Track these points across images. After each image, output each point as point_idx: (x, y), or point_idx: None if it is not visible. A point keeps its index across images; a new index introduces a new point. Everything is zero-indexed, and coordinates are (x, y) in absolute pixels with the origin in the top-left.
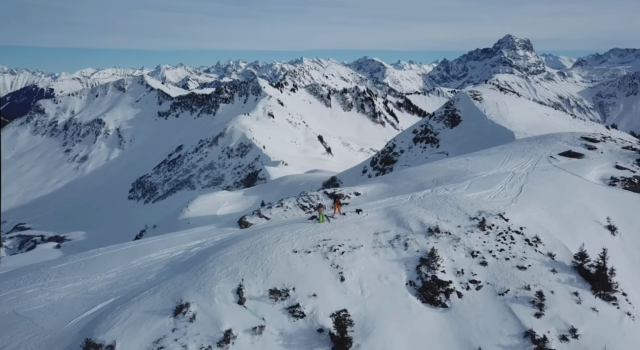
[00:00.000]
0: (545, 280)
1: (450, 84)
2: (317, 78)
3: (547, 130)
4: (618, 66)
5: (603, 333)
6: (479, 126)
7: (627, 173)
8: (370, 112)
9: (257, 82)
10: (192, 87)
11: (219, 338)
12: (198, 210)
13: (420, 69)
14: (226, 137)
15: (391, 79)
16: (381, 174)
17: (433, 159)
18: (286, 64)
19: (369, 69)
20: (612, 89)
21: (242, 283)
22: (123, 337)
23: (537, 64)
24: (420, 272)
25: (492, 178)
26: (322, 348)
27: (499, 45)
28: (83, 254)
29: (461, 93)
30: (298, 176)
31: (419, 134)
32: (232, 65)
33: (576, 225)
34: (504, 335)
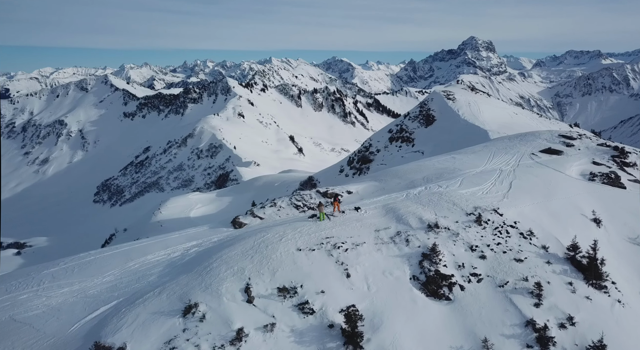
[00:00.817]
0: (541, 271)
1: (418, 84)
2: (287, 78)
3: (517, 128)
4: (574, 67)
5: (597, 320)
6: (453, 125)
7: (604, 169)
8: (340, 112)
9: (227, 82)
10: (158, 87)
11: (231, 337)
12: (170, 213)
13: (388, 69)
14: (195, 137)
15: (360, 79)
16: (358, 174)
17: (409, 158)
18: (255, 63)
19: (338, 69)
20: (569, 89)
21: (249, 282)
22: (133, 339)
23: (499, 65)
24: (423, 266)
25: (481, 175)
26: (333, 343)
27: (463, 46)
28: (74, 258)
29: (435, 93)
30: (272, 176)
31: (394, 133)
32: (200, 65)
33: (564, 218)
34: (506, 325)
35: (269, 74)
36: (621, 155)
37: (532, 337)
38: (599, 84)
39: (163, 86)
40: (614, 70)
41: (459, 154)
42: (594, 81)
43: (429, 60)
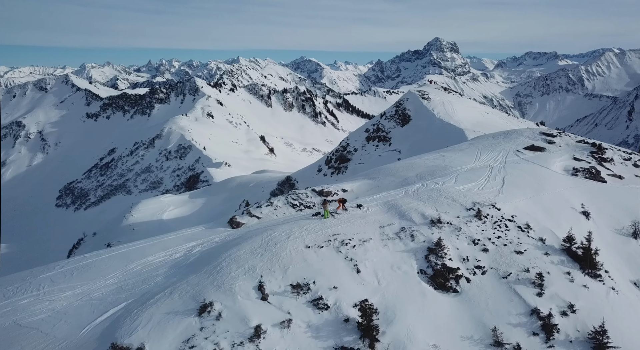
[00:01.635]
0: (541, 262)
1: (385, 84)
2: (256, 78)
3: (489, 127)
4: (533, 68)
5: (595, 307)
6: (428, 124)
7: (584, 164)
8: (311, 112)
9: (195, 81)
10: (122, 87)
11: (249, 334)
12: (142, 216)
13: (356, 69)
14: (163, 138)
15: (328, 79)
16: (337, 173)
17: (386, 157)
18: (222, 63)
19: (307, 69)
20: (529, 89)
21: (261, 280)
22: (150, 339)
23: (463, 65)
24: (430, 260)
25: (473, 172)
26: (350, 337)
27: (428, 47)
28: (70, 261)
29: (410, 93)
30: (247, 177)
31: (371, 133)
32: (165, 65)
33: (556, 212)
34: (512, 314)
35: (238, 74)
36: (599, 152)
37: (537, 325)
38: (556, 84)
39: (127, 86)
40: (569, 71)
41: (447, 152)
42: (552, 81)
43: (396, 61)
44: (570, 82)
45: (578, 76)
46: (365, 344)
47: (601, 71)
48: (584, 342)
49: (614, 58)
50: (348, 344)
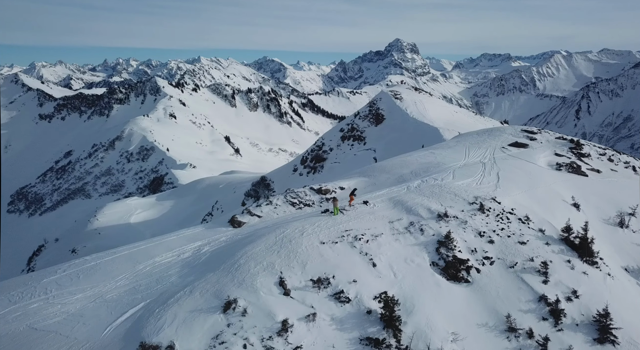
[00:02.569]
0: (543, 252)
1: (348, 84)
2: (219, 78)
3: (460, 126)
4: (488, 69)
5: (595, 292)
6: (402, 123)
7: (565, 159)
8: (276, 112)
9: (156, 81)
10: (76, 87)
11: (277, 328)
12: (108, 220)
13: (319, 69)
14: (124, 140)
15: (292, 79)
16: (313, 172)
17: (361, 156)
18: (183, 63)
19: (270, 69)
20: (485, 89)
21: (282, 275)
22: (179, 337)
23: (423, 66)
24: (441, 253)
25: (467, 168)
26: (374, 328)
27: (389, 48)
28: (71, 265)
29: (383, 93)
30: (216, 178)
31: (345, 132)
32: (122, 64)
33: (550, 204)
34: (522, 301)
35: (200, 74)
36: (577, 147)
37: (545, 310)
38: (511, 85)
39: (82, 86)
40: (522, 72)
41: (437, 150)
42: (506, 82)
43: (358, 61)
44: (523, 82)
45: (530, 77)
46: (389, 334)
47: (551, 72)
48: (589, 324)
49: (562, 60)
50: (373, 334)
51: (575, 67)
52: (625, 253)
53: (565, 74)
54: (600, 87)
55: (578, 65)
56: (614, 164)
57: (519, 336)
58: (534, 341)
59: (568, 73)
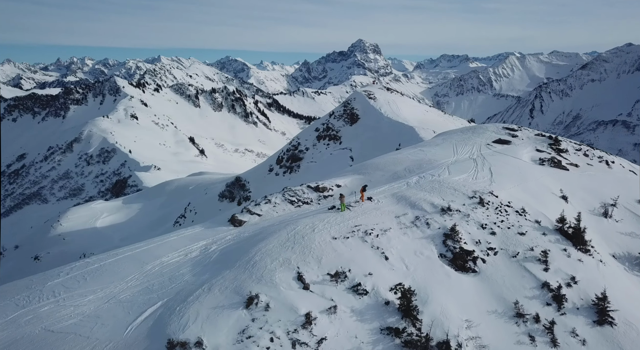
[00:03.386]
0: (541, 241)
1: (313, 84)
2: (181, 77)
3: (433, 124)
4: (448, 70)
5: (591, 277)
6: (377, 123)
7: (546, 155)
8: (241, 112)
9: (115, 81)
10: (27, 86)
11: (300, 321)
12: (73, 224)
13: (283, 70)
14: (83, 142)
15: (256, 79)
16: (289, 172)
17: (337, 155)
18: (142, 62)
19: (233, 69)
20: (445, 90)
21: (299, 270)
22: (205, 333)
23: (385, 66)
24: (448, 245)
25: (460, 164)
26: (393, 318)
27: (352, 48)
28: (74, 267)
29: (357, 93)
30: (185, 180)
31: (321, 132)
32: (77, 63)
33: (541, 197)
34: (526, 288)
35: (161, 73)
36: (556, 143)
37: (548, 296)
38: (469, 85)
39: (34, 86)
40: (480, 73)
41: (425, 147)
42: (465, 82)
43: (322, 61)
44: (481, 82)
45: (487, 77)
46: (408, 323)
47: (506, 73)
48: (588, 308)
49: (516, 61)
50: (392, 324)
51: (528, 68)
52: (611, 241)
53: (520, 74)
54: (552, 87)
55: (531, 66)
56: (589, 159)
57: (526, 321)
58: (540, 325)
59: (522, 74)
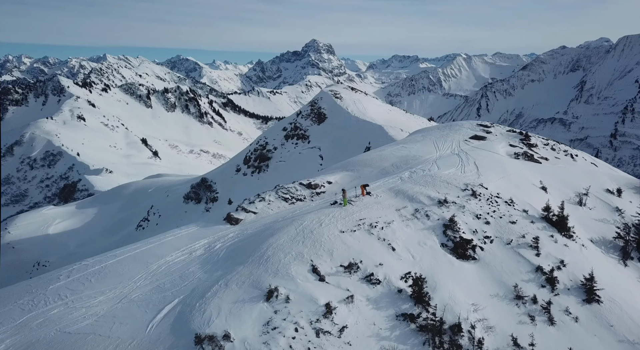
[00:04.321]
0: (530, 229)
1: (267, 84)
2: (130, 77)
3: (398, 123)
4: (399, 70)
5: (577, 260)
6: (345, 122)
7: (519, 149)
8: (196, 112)
9: (59, 80)
10: None
11: (321, 311)
12: (23, 232)
13: (236, 69)
14: (25, 145)
15: (209, 78)
16: (257, 172)
17: (307, 155)
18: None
19: (184, 68)
20: (398, 89)
21: (313, 263)
22: (231, 326)
23: (339, 66)
24: (448, 235)
25: (446, 159)
26: (406, 304)
27: (306, 48)
28: (72, 270)
29: (323, 92)
30: (143, 183)
31: (289, 131)
32: (13, 61)
33: (524, 188)
34: (522, 272)
35: (108, 73)
36: (526, 139)
37: (542, 279)
38: (420, 85)
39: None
40: (430, 73)
41: (407, 144)
42: (416, 82)
43: (276, 61)
44: (431, 82)
45: (437, 78)
46: (421, 309)
47: (454, 73)
48: (578, 288)
49: (463, 62)
50: (407, 310)
51: (474, 68)
52: (587, 227)
53: (467, 75)
54: (496, 87)
55: (477, 67)
56: (556, 153)
57: (525, 303)
58: (538, 306)
59: (469, 74)
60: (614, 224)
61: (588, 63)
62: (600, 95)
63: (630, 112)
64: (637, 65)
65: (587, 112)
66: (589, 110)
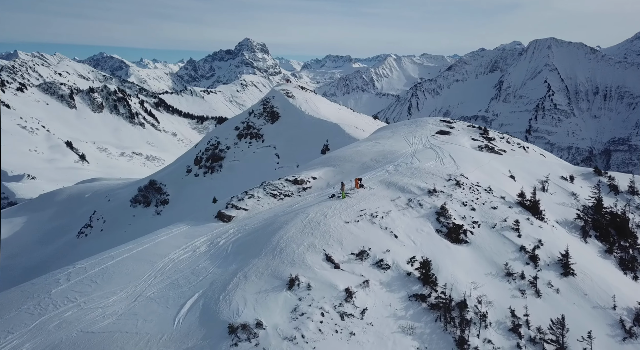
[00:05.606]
0: (510, 213)
1: (200, 83)
2: (48, 76)
3: (349, 121)
4: (333, 70)
5: (551, 239)
6: (299, 120)
7: (481, 143)
8: (126, 113)
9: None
10: None
11: (343, 296)
12: None
13: (166, 68)
14: None
15: (137, 77)
16: (210, 172)
17: (262, 154)
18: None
19: (109, 66)
20: (333, 89)
21: (326, 253)
22: (261, 315)
23: (274, 66)
24: (441, 221)
25: (423, 152)
26: (415, 286)
27: (240, 47)
28: (70, 273)
29: (275, 91)
30: (77, 188)
31: (241, 130)
32: None
33: (496, 177)
34: (509, 252)
35: (22, 71)
36: (485, 133)
37: (526, 257)
38: (354, 85)
39: None
40: (363, 73)
41: (379, 140)
42: (350, 82)
43: (209, 60)
44: (365, 82)
45: (370, 77)
46: (430, 289)
47: (386, 73)
48: (556, 264)
49: (393, 62)
50: (417, 291)
51: (404, 68)
52: (552, 210)
53: (397, 75)
54: (425, 86)
55: (406, 67)
56: (511, 145)
57: (515, 279)
58: (526, 281)
59: (399, 74)
60: (572, 207)
61: (504, 64)
62: (516, 94)
63: (542, 110)
64: (545, 66)
65: (506, 109)
66: (507, 108)
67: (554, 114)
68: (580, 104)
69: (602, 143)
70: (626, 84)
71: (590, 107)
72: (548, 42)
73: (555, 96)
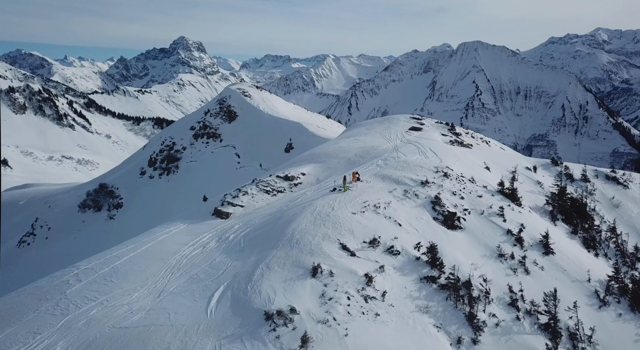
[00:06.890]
0: (493, 201)
1: (133, 82)
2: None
3: (306, 119)
4: (273, 69)
5: (530, 223)
6: (258, 120)
7: (450, 138)
8: (53, 114)
9: None
10: None
11: (364, 281)
12: None
13: (94, 66)
14: None
15: (61, 76)
16: (166, 174)
17: (220, 153)
18: None
19: (28, 64)
20: (274, 89)
21: (340, 242)
22: (292, 301)
23: (211, 65)
24: (437, 210)
25: (405, 147)
26: (424, 269)
27: (175, 45)
28: (79, 273)
29: (231, 90)
30: (9, 194)
31: (197, 130)
32: None
33: (474, 168)
34: (497, 235)
35: None
36: (452, 129)
37: (513, 239)
38: (295, 85)
39: None
40: (303, 73)
41: (357, 136)
42: (291, 82)
43: (142, 58)
44: (305, 82)
45: (310, 77)
46: (438, 271)
47: (325, 73)
48: (537, 244)
49: (332, 63)
50: (427, 273)
51: (343, 69)
52: (525, 197)
53: (337, 75)
54: (363, 86)
55: (345, 67)
56: (476, 140)
57: (507, 259)
58: (516, 261)
59: (339, 74)
60: (539, 194)
61: (437, 65)
62: (448, 94)
63: (471, 109)
64: (473, 68)
65: (439, 108)
66: (440, 107)
67: (482, 113)
68: (505, 102)
69: (524, 139)
70: (543, 85)
71: (513, 106)
72: (475, 45)
73: (482, 96)
